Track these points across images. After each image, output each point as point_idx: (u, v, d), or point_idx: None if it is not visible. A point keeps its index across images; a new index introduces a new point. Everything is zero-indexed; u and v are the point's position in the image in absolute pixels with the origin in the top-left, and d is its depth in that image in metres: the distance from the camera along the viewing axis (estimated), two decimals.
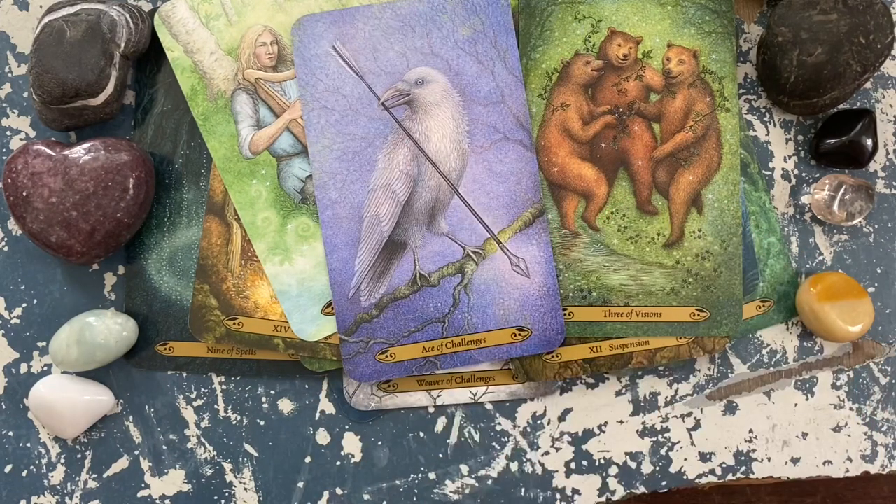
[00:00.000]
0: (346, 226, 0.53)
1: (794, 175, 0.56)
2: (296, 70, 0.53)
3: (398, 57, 0.53)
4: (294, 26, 0.53)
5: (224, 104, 0.54)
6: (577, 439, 0.55)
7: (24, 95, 0.56)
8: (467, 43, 0.53)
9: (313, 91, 0.53)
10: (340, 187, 0.53)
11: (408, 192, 0.53)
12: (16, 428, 0.55)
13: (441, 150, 0.53)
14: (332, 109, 0.53)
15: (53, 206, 0.51)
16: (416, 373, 0.53)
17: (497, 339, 0.53)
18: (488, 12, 0.53)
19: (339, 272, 0.53)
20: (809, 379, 0.55)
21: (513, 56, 0.53)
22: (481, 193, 0.53)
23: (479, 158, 0.53)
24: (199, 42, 0.54)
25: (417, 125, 0.53)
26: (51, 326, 0.55)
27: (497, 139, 0.53)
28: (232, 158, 0.54)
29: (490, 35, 0.53)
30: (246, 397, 0.55)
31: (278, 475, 0.55)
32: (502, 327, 0.53)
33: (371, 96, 0.53)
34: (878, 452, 0.55)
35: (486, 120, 0.53)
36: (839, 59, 0.51)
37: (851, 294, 0.53)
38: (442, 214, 0.53)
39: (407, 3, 0.53)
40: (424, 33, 0.53)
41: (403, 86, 0.53)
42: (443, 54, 0.53)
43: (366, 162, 0.53)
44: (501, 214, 0.53)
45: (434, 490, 0.55)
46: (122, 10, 0.53)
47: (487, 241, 0.53)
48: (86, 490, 0.55)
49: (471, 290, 0.53)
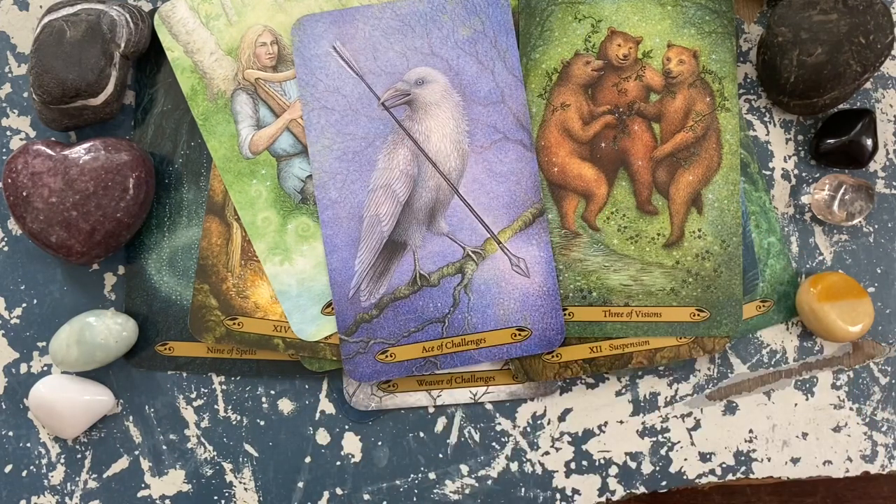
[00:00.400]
0: (346, 226, 0.53)
1: (794, 175, 0.56)
2: (296, 70, 0.53)
3: (398, 57, 0.53)
4: (294, 26, 0.53)
5: (224, 104, 0.54)
6: (577, 439, 0.55)
7: (24, 95, 0.56)
8: (467, 43, 0.53)
9: (313, 91, 0.53)
10: (340, 187, 0.53)
11: (408, 192, 0.53)
12: (16, 428, 0.55)
13: (441, 150, 0.53)
14: (332, 109, 0.53)
15: (53, 206, 0.51)
16: (416, 373, 0.53)
17: (497, 339, 0.53)
18: (488, 12, 0.53)
19: (339, 272, 0.53)
20: (809, 379, 0.55)
21: (513, 56, 0.53)
22: (481, 193, 0.53)
23: (479, 158, 0.53)
24: (199, 42, 0.54)
25: (417, 125, 0.53)
26: (51, 326, 0.55)
27: (497, 139, 0.53)
28: (232, 158, 0.54)
29: (490, 35, 0.53)
30: (246, 397, 0.55)
31: (278, 475, 0.55)
32: (502, 327, 0.53)
33: (371, 96, 0.53)
34: (878, 452, 0.55)
35: (486, 120, 0.53)
36: (839, 59, 0.51)
37: (851, 294, 0.53)
38: (442, 214, 0.53)
39: (407, 3, 0.53)
40: (424, 33, 0.53)
41: (403, 86, 0.53)
42: (443, 54, 0.53)
43: (366, 162, 0.53)
44: (501, 214, 0.53)
45: (434, 490, 0.55)
46: (122, 10, 0.53)
47: (487, 241, 0.53)
48: (86, 490, 0.55)
49: (471, 290, 0.53)
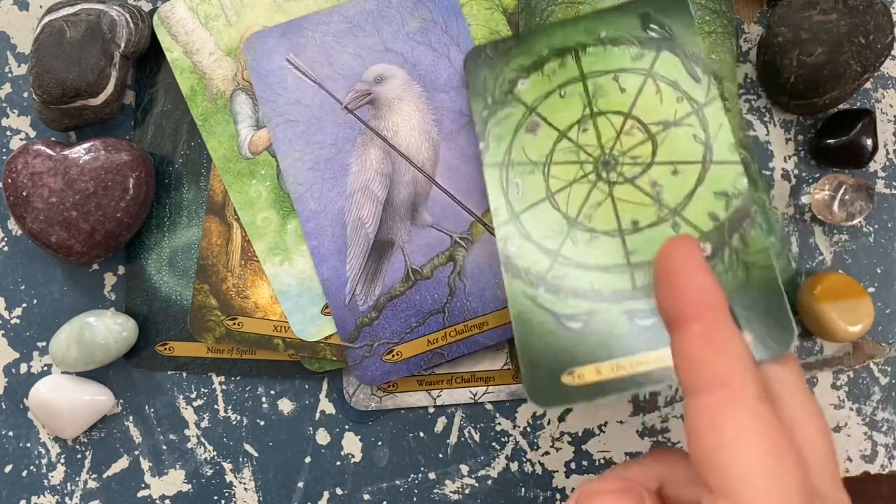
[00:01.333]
0: (331, 233, 0.53)
1: (794, 175, 0.56)
2: (254, 88, 0.53)
3: (353, 58, 0.53)
4: (244, 47, 0.53)
5: (223, 104, 0.54)
6: (577, 439, 0.55)
7: (24, 95, 0.56)
8: (418, 33, 0.53)
9: (274, 107, 0.53)
10: (318, 197, 0.53)
11: (386, 190, 0.53)
12: (16, 428, 0.55)
13: (411, 143, 0.53)
14: (297, 121, 0.53)
15: (53, 206, 0.51)
16: (424, 366, 0.53)
17: (498, 319, 0.53)
18: (434, 0, 0.53)
19: (331, 281, 0.52)
20: (809, 379, 0.55)
21: (465, 38, 0.53)
22: (458, 179, 0.53)
23: (451, 145, 0.53)
24: (199, 42, 0.54)
25: (384, 122, 0.53)
26: (51, 326, 0.55)
27: (464, 123, 0.53)
28: (231, 158, 0.54)
29: (440, 22, 0.53)
30: (246, 397, 0.55)
31: (278, 475, 0.55)
32: (502, 307, 0.53)
33: (333, 102, 0.53)
34: (878, 452, 0.55)
35: (450, 106, 0.53)
36: (839, 59, 0.51)
37: (851, 294, 0.53)
38: (423, 206, 0.53)
39: (353, 4, 0.53)
40: (375, 31, 0.53)
41: (363, 86, 0.53)
42: (396, 48, 0.53)
43: (339, 168, 0.53)
44: (482, 196, 0.53)
45: (434, 490, 0.55)
46: (122, 10, 0.53)
47: (473, 225, 0.53)
48: (86, 490, 0.55)
49: (465, 276, 0.53)
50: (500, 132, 0.50)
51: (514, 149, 0.49)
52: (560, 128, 0.49)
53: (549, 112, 0.50)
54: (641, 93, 0.50)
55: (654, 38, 0.49)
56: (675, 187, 0.49)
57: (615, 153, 0.49)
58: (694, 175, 0.48)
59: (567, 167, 0.49)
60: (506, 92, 0.50)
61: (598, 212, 0.48)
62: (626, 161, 0.49)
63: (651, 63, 0.50)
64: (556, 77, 0.50)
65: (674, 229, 0.48)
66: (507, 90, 0.50)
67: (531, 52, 0.51)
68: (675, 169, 0.48)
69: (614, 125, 0.49)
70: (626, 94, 0.49)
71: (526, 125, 0.50)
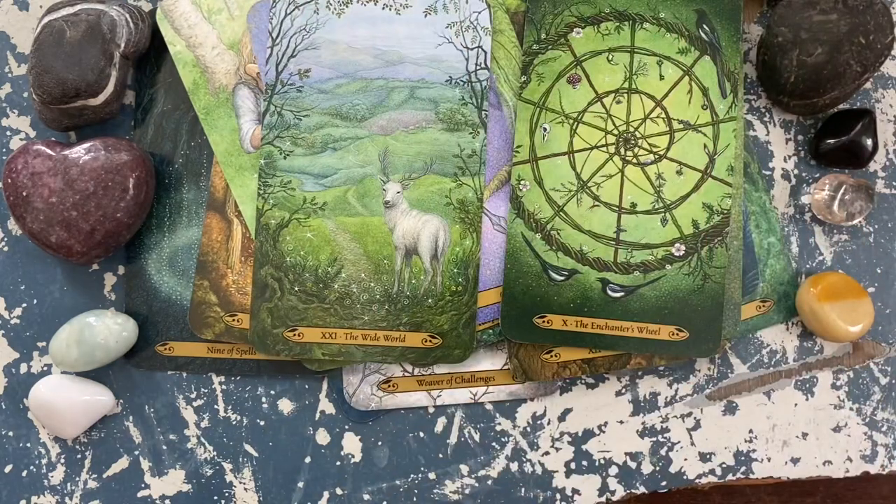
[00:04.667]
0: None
1: (794, 175, 0.56)
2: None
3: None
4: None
5: (226, 98, 0.54)
6: (576, 439, 0.55)
7: (24, 95, 0.56)
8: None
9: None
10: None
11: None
12: (16, 428, 0.55)
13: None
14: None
15: (53, 206, 0.51)
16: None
17: (489, 298, 0.53)
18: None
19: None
20: (809, 379, 0.55)
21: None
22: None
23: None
24: (201, 36, 0.54)
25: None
26: (51, 326, 0.55)
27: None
28: (233, 153, 0.54)
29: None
30: (246, 397, 0.55)
31: (278, 475, 0.55)
32: (493, 286, 0.53)
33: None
34: (878, 452, 0.55)
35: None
36: (839, 59, 0.51)
37: (851, 294, 0.53)
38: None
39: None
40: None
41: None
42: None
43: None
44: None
45: (434, 490, 0.55)
46: (122, 10, 0.53)
47: None
48: (86, 490, 0.55)
49: None
50: (544, 72, 0.51)
51: (551, 94, 0.51)
52: (599, 90, 0.51)
53: (594, 71, 0.51)
54: (676, 87, 0.52)
55: (702, 40, 0.52)
56: (676, 186, 0.51)
57: (637, 134, 0.51)
58: (693, 181, 0.51)
59: (593, 131, 0.51)
60: (560, 34, 0.52)
61: (607, 183, 0.51)
62: (644, 146, 0.51)
63: (692, 62, 0.52)
64: (608, 39, 0.52)
65: (662, 223, 0.51)
66: (562, 32, 0.52)
67: (594, 4, 0.52)
68: (681, 169, 0.51)
69: (645, 107, 0.52)
70: (664, 81, 0.52)
71: (568, 75, 0.51)
